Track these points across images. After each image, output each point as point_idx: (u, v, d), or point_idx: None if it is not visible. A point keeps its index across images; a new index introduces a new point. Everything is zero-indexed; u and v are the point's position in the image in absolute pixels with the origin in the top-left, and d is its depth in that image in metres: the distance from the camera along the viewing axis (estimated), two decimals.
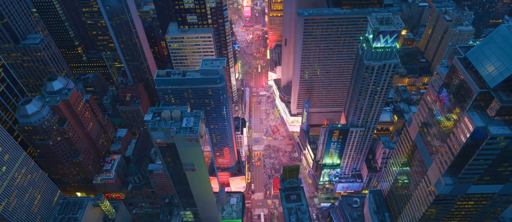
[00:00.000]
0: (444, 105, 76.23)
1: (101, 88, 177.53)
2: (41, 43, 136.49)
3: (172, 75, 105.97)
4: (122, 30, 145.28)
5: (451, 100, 73.27)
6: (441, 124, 77.52)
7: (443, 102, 76.19)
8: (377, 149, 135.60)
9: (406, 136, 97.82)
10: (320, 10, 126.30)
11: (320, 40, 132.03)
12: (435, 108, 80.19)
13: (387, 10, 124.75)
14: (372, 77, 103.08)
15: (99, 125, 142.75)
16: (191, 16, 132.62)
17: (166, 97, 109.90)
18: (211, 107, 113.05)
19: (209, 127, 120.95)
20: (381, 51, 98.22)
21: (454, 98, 72.00)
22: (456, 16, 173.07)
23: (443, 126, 76.52)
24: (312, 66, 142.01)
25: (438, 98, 78.65)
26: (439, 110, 78.42)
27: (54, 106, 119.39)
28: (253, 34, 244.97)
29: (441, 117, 77.65)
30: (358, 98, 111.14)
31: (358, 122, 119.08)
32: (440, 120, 77.79)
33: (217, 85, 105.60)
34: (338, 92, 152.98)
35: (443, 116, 76.40)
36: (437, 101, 78.99)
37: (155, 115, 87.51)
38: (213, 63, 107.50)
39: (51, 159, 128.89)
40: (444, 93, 75.73)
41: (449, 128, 74.23)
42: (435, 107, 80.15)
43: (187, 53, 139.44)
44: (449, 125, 74.45)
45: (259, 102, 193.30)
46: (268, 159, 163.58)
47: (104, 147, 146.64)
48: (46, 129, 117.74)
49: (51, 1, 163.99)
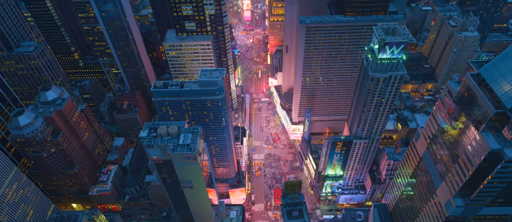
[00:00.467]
0: (455, 124, 72.29)
1: (98, 95, 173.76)
2: (35, 50, 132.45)
3: (170, 86, 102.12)
4: (118, 36, 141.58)
5: (463, 119, 69.32)
6: (452, 143, 73.57)
7: (455, 120, 72.25)
8: (381, 160, 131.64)
9: (413, 151, 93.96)
10: (323, 18, 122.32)
11: (322, 48, 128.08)
12: (445, 126, 76.26)
13: (392, 18, 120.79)
14: (377, 89, 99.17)
15: (95, 134, 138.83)
16: (189, 23, 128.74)
17: (163, 109, 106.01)
18: (210, 119, 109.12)
19: (208, 139, 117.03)
20: (387, 62, 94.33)
21: (467, 117, 68.06)
22: (461, 22, 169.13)
23: (454, 145, 72.55)
24: (314, 75, 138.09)
25: (448, 116, 74.74)
26: (450, 128, 74.48)
27: (47, 117, 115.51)
28: (253, 39, 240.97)
29: (452, 136, 73.73)
30: (362, 110, 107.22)
31: (362, 133, 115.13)
32: (451, 139, 73.85)
33: (216, 97, 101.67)
34: (340, 101, 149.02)
35: (455, 135, 72.42)
36: (448, 118, 75.06)
37: (151, 131, 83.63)
38: (212, 73, 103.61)
39: (45, 170, 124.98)
40: (455, 111, 71.77)
41: (461, 148, 70.29)
42: (445, 125, 76.22)
43: (186, 61, 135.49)
44: (461, 145, 70.50)
45: (260, 109, 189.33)
46: (269, 168, 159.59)
47: (100, 157, 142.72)
48: (39, 141, 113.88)
49: (46, 7, 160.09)
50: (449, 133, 74.70)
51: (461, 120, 70.02)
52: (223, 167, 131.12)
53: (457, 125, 71.59)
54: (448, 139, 75.08)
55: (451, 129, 73.95)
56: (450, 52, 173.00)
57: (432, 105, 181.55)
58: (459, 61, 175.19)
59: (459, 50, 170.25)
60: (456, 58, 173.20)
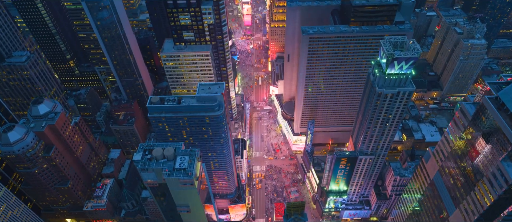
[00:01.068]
0: (471, 150, 67.37)
1: (93, 104, 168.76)
2: (27, 61, 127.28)
3: (166, 102, 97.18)
4: (114, 45, 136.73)
5: (481, 145, 64.39)
6: (468, 170, 68.65)
7: (471, 145, 67.33)
8: (387, 175, 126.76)
9: (422, 172, 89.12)
10: (326, 28, 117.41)
11: (325, 59, 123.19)
12: (459, 151, 71.36)
13: (398, 28, 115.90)
14: (385, 105, 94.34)
15: (89, 147, 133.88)
16: (187, 33, 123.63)
17: (160, 125, 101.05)
18: (208, 135, 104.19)
19: (207, 155, 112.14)
20: (395, 78, 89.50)
21: (485, 144, 63.13)
22: (467, 29, 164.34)
23: (471, 173, 67.62)
24: (317, 86, 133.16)
25: (463, 140, 69.84)
26: (464, 154, 69.58)
27: (39, 132, 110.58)
28: (253, 44, 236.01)
29: (468, 163, 68.81)
30: (368, 125, 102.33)
31: (368, 149, 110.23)
32: (466, 166, 68.92)
33: (215, 114, 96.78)
34: (344, 112, 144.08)
35: (471, 162, 67.50)
36: (463, 143, 70.17)
37: (145, 153, 78.71)
38: (211, 88, 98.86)
39: (37, 186, 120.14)
40: (471, 136, 66.85)
41: (478, 176, 65.38)
42: (459, 150, 71.32)
43: (184, 72, 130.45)
44: (478, 173, 65.58)
45: (260, 118, 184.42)
46: (270, 181, 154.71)
47: (95, 171, 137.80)
48: (30, 157, 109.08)
49: (40, 14, 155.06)
50: (464, 159, 69.76)
51: (478, 146, 65.11)
52: (222, 182, 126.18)
53: (473, 151, 66.65)
54: (464, 165, 70.12)
55: (466, 155, 69.00)
56: (456, 60, 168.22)
57: (438, 114, 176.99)
58: (466, 69, 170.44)
59: (466, 58, 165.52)
60: (463, 66, 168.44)
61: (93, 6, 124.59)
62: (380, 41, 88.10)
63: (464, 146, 69.51)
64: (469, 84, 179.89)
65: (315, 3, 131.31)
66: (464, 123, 69.19)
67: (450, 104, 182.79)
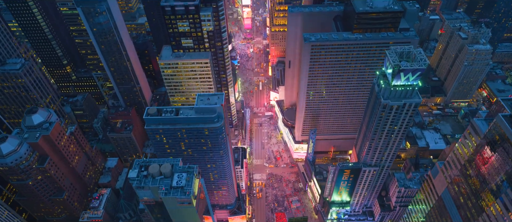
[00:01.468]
0: (483, 170, 64.09)
1: (90, 111, 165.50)
2: (22, 68, 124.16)
3: (164, 113, 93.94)
4: (111, 52, 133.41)
5: (494, 166, 61.13)
6: (479, 190, 65.37)
7: (483, 164, 64.05)
8: (391, 185, 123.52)
9: (429, 187, 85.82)
10: (329, 35, 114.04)
11: (328, 67, 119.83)
12: (470, 169, 68.09)
13: (403, 35, 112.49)
14: (390, 117, 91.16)
15: (86, 157, 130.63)
16: (186, 40, 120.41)
17: (157, 137, 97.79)
18: (208, 147, 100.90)
19: (206, 166, 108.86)
20: (401, 89, 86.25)
21: (498, 166, 59.85)
22: (472, 34, 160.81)
23: (483, 193, 64.35)
24: (319, 94, 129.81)
25: (474, 159, 66.57)
26: (476, 173, 66.30)
27: (33, 143, 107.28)
28: (253, 48, 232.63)
29: (480, 182, 65.54)
30: (373, 137, 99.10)
31: (372, 161, 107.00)
32: (478, 185, 65.65)
33: (214, 125, 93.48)
34: (346, 120, 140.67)
35: (483, 181, 64.22)
36: (475, 162, 66.88)
37: (141, 169, 75.41)
38: (210, 99, 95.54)
39: (31, 198, 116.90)
40: (483, 156, 63.58)
41: (489, 198, 62.14)
42: (470, 168, 68.05)
43: (182, 80, 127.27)
44: (491, 193, 62.34)
45: (261, 125, 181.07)
46: (270, 190, 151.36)
47: (91, 180, 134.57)
48: (24, 168, 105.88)
49: (36, 19, 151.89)
50: (476, 178, 66.47)
51: (491, 166, 61.78)
52: (222, 193, 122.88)
53: (485, 170, 63.35)
54: (475, 184, 66.87)
55: (478, 174, 65.70)
56: (461, 66, 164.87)
57: (441, 120, 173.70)
58: (470, 75, 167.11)
59: (470, 64, 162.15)
60: (467, 72, 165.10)
61: (89, 12, 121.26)
62: (386, 51, 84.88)
63: (476, 165, 66.22)
64: (474, 90, 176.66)
65: (317, 9, 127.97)
66: (476, 140, 65.90)
67: (454, 110, 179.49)
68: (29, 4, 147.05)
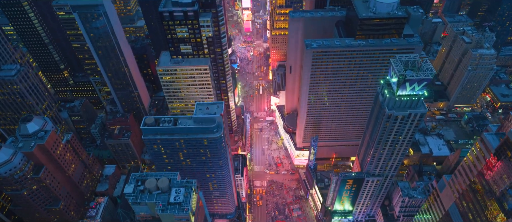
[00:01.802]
0: (493, 187, 61.40)
1: (88, 116, 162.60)
2: (17, 74, 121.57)
3: (161, 123, 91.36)
4: (108, 58, 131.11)
5: (506, 183, 58.44)
6: (490, 208, 62.67)
7: (493, 182, 61.34)
8: (394, 194, 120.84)
9: (436, 201, 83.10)
10: (331, 41, 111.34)
11: (330, 73, 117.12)
12: (480, 186, 65.38)
13: (407, 41, 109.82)
14: (394, 127, 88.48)
15: (82, 165, 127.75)
16: (185, 46, 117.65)
17: (155, 147, 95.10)
18: (207, 157, 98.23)
19: (205, 176, 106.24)
20: (407, 99, 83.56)
21: (510, 183, 57.22)
22: (476, 38, 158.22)
23: (494, 211, 61.65)
24: (320, 100, 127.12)
25: (484, 175, 63.88)
26: (486, 190, 63.61)
27: (28, 153, 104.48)
28: (254, 51, 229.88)
29: (488, 199, 62.87)
30: (376, 147, 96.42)
31: (375, 170, 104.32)
32: (487, 203, 62.95)
33: (214, 136, 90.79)
34: (349, 126, 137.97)
35: (495, 199, 61.52)
36: (485, 177, 64.19)
37: (138, 183, 72.71)
38: (209, 108, 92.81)
39: (26, 208, 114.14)
40: (494, 173, 60.86)
41: (504, 215, 59.44)
42: (480, 185, 65.33)
43: (181, 86, 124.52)
44: (503, 213, 59.65)
45: (261, 130, 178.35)
46: (271, 197, 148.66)
47: (88, 188, 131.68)
48: (18, 179, 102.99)
49: (32, 23, 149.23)
50: (485, 196, 63.75)
51: (502, 183, 59.08)
52: (221, 202, 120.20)
53: (496, 187, 60.65)
54: (484, 202, 64.13)
55: (488, 191, 63.00)
56: (464, 70, 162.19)
57: (445, 125, 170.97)
58: (474, 79, 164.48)
59: (474, 69, 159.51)
60: (471, 76, 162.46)
61: (86, 17, 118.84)
62: (390, 60, 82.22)
63: (486, 181, 63.55)
64: (477, 94, 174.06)
65: (318, 14, 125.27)
66: (486, 156, 63.21)
67: (457, 115, 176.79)
68: (25, 8, 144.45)
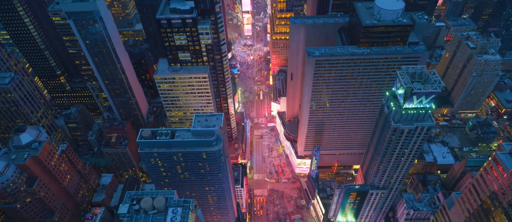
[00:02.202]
0: (508, 209, 58.19)
1: (85, 123, 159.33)
2: (11, 83, 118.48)
3: (158, 136, 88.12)
4: (105, 65, 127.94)
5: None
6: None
7: (509, 205, 58.11)
8: (399, 206, 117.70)
9: (444, 219, 79.78)
10: (334, 49, 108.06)
11: (333, 82, 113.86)
12: (492, 207, 62.10)
13: (412, 49, 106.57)
14: (400, 140, 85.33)
15: (78, 175, 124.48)
16: (183, 53, 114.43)
17: (152, 161, 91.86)
18: (206, 170, 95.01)
19: (204, 189, 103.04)
20: (413, 112, 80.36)
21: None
22: (481, 44, 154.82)
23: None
24: (322, 109, 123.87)
25: (496, 196, 60.61)
26: (499, 212, 60.34)
27: (21, 165, 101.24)
28: (254, 55, 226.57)
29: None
30: (381, 160, 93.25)
31: (380, 183, 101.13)
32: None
33: (213, 149, 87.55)
34: (351, 135, 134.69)
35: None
36: (498, 197, 60.92)
37: (133, 203, 69.47)
38: (208, 120, 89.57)
39: (20, 220, 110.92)
40: (508, 194, 57.63)
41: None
42: (492, 206, 62.05)
43: (180, 94, 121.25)
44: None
45: (261, 136, 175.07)
46: (272, 207, 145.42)
47: (85, 199, 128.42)
48: (11, 192, 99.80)
49: (27, 29, 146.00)
50: (498, 217, 60.47)
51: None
52: (221, 215, 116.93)
53: (510, 211, 57.37)
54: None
55: (501, 214, 59.72)
56: (469, 76, 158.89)
57: (449, 132, 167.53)
58: (478, 85, 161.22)
59: (479, 75, 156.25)
60: (476, 83, 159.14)
61: (82, 24, 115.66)
62: (397, 71, 79.15)
63: (499, 202, 60.29)
64: (482, 100, 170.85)
65: (320, 20, 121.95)
66: (499, 176, 59.95)
67: (461, 121, 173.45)
68: (20, 14, 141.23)
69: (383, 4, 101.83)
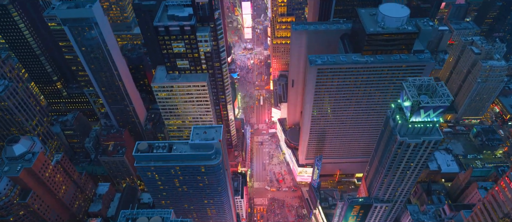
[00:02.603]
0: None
1: (82, 130, 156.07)
2: (5, 91, 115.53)
3: (155, 149, 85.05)
4: (102, 72, 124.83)
5: None
6: None
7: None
8: (403, 218, 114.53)
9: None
10: (336, 57, 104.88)
11: (335, 90, 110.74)
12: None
13: (417, 58, 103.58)
14: (406, 154, 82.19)
15: (74, 185, 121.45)
16: (182, 61, 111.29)
17: (149, 174, 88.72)
18: (204, 183, 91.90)
19: (203, 202, 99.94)
20: (420, 126, 77.21)
21: None
22: (486, 49, 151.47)
23: None
24: (325, 117, 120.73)
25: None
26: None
27: (14, 177, 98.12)
28: (254, 59, 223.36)
29: None
30: (386, 173, 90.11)
31: (384, 196, 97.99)
32: None
33: (212, 163, 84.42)
34: (354, 143, 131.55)
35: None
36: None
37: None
38: (207, 132, 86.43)
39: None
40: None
41: None
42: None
43: (178, 103, 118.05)
44: None
45: (262, 143, 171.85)
46: (272, 216, 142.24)
47: (81, 209, 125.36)
48: (4, 205, 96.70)
49: (22, 35, 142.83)
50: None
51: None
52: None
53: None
54: None
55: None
56: (473, 82, 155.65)
57: (452, 139, 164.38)
58: (483, 91, 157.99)
59: (484, 81, 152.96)
60: (480, 89, 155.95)
61: (77, 31, 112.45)
62: (403, 83, 75.94)
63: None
64: (486, 106, 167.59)
65: (322, 26, 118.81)
66: (511, 194, 56.95)
67: (465, 128, 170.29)
68: (15, 19, 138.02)
69: (387, 11, 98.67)
